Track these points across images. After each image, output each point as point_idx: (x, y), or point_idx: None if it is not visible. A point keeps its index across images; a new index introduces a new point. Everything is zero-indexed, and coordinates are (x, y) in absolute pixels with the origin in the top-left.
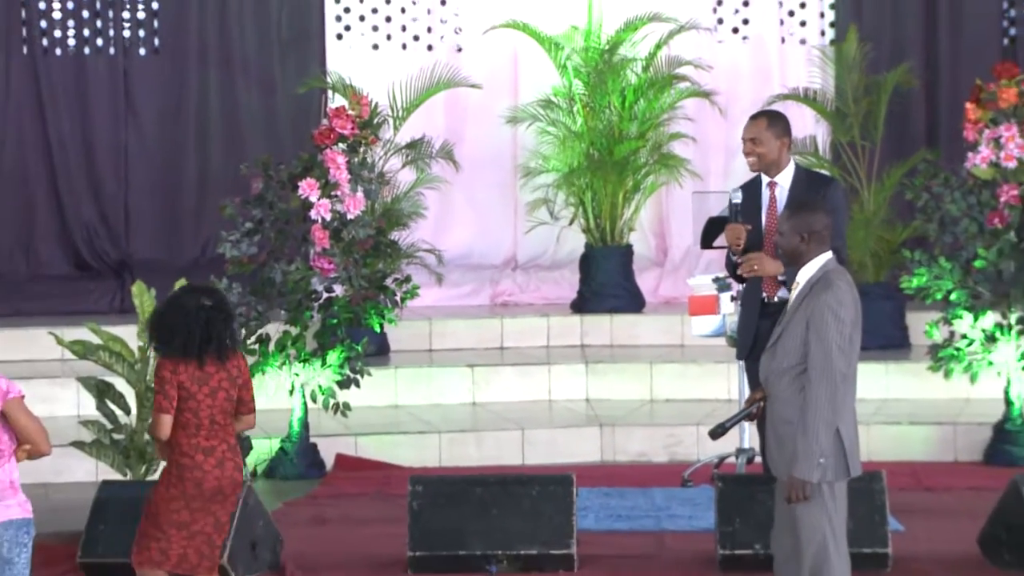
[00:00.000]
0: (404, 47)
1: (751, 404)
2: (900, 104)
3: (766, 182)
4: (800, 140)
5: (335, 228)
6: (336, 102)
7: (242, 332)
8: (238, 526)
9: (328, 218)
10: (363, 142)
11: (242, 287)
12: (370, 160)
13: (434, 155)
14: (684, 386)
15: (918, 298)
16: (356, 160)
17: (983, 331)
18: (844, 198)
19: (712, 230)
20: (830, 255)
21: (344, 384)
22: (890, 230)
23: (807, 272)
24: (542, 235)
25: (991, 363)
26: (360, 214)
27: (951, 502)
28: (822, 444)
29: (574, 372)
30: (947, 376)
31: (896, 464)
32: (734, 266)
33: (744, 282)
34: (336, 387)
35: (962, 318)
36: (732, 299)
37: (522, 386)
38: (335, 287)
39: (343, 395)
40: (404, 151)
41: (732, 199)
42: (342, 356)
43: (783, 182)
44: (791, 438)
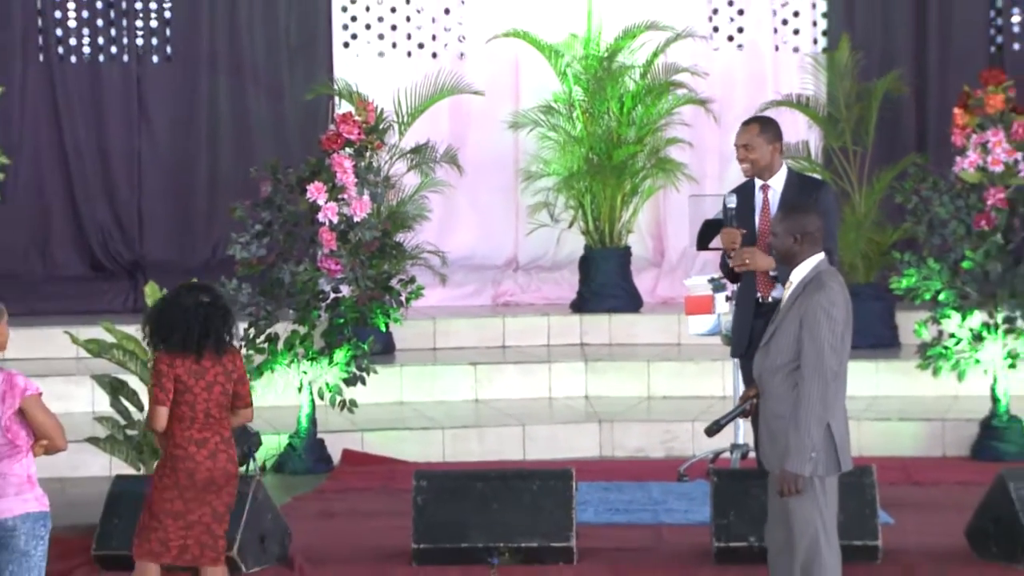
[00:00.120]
0: (409, 55)
1: (745, 401)
2: (890, 110)
3: (759, 186)
4: (793, 145)
5: (342, 230)
6: (343, 108)
7: (252, 331)
8: (247, 520)
9: (335, 220)
10: (369, 147)
11: (252, 288)
12: (376, 164)
13: (438, 159)
14: (680, 383)
15: (907, 298)
16: (362, 164)
17: (970, 330)
18: (835, 201)
19: (707, 232)
20: (823, 256)
21: (351, 382)
22: (880, 232)
23: (800, 272)
24: (543, 237)
25: (978, 361)
26: (366, 217)
27: (939, 496)
28: (814, 439)
29: (574, 370)
30: (935, 374)
31: (886, 459)
32: (729, 268)
33: (738, 279)
34: (343, 384)
35: (950, 317)
36: (727, 299)
37: (523, 384)
38: (342, 287)
39: (350, 392)
40: (409, 156)
41: (727, 202)
42: (349, 354)
43: (776, 186)
44: (783, 433)
